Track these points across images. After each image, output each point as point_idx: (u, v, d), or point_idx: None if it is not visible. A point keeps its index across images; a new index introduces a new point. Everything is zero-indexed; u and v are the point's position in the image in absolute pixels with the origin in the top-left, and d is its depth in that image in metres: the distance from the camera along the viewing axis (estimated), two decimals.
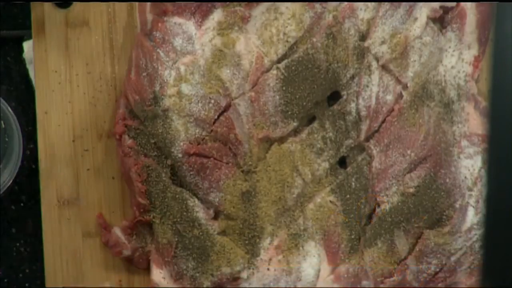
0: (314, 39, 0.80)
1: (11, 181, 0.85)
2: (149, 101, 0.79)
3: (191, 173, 0.80)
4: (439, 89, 0.83)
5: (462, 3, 0.83)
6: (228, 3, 0.81)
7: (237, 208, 0.81)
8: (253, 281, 0.82)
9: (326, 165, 0.82)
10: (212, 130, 0.80)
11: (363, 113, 0.81)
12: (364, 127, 0.82)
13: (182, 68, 0.80)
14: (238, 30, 0.81)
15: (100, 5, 0.84)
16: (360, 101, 0.81)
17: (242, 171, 0.81)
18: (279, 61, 0.81)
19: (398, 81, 0.82)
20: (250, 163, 0.81)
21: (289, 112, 0.81)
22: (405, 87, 0.82)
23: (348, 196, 0.82)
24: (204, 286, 0.81)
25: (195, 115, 0.80)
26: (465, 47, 0.84)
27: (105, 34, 0.85)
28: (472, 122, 0.84)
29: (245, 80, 0.80)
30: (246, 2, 0.81)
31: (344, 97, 0.82)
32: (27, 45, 0.88)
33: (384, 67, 0.82)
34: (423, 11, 0.82)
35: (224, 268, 0.80)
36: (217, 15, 0.81)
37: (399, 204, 0.82)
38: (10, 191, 0.87)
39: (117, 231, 0.83)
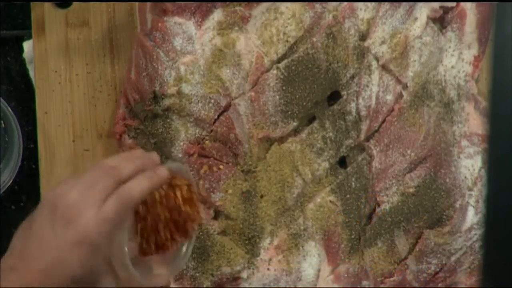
0: (314, 39, 0.80)
1: (11, 181, 0.85)
2: (149, 101, 0.79)
3: (191, 173, 0.80)
4: (439, 89, 0.83)
5: (462, 3, 0.83)
6: (228, 3, 0.81)
7: (237, 208, 0.81)
8: (253, 281, 0.82)
9: (326, 165, 0.82)
10: (212, 130, 0.80)
11: (363, 113, 0.81)
12: (364, 127, 0.82)
13: (182, 68, 0.80)
14: (238, 30, 0.81)
15: (100, 5, 0.84)
16: (360, 101, 0.81)
17: (242, 171, 0.81)
18: (279, 61, 0.81)
19: (398, 81, 0.82)
20: (250, 163, 0.81)
21: (289, 112, 0.81)
22: (405, 87, 0.82)
23: (348, 196, 0.82)
24: (204, 286, 0.81)
25: (195, 115, 0.80)
26: (465, 47, 0.84)
27: (105, 34, 0.85)
28: (472, 122, 0.84)
29: (245, 80, 0.80)
30: (246, 2, 0.81)
31: (344, 97, 0.82)
32: (27, 45, 0.88)
33: (384, 67, 0.82)
34: (423, 11, 0.82)
35: (224, 268, 0.80)
36: (217, 15, 0.81)
37: (399, 204, 0.82)
38: (10, 191, 0.87)
39: None
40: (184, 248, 0.70)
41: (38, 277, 0.59)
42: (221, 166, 0.80)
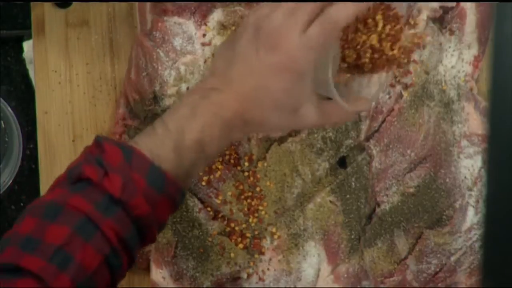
0: None
1: (11, 181, 0.85)
2: (149, 101, 0.79)
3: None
4: (439, 89, 0.83)
5: (462, 3, 0.83)
6: (228, 3, 0.81)
7: (237, 208, 0.81)
8: (253, 281, 0.82)
9: (326, 165, 0.82)
10: None
11: (363, 113, 0.81)
12: (364, 127, 0.82)
13: (182, 68, 0.80)
14: None
15: (100, 5, 0.84)
16: None
17: (242, 171, 0.81)
18: None
19: (398, 81, 0.82)
20: (249, 163, 0.81)
21: None
22: (405, 87, 0.82)
23: (348, 196, 0.82)
24: (204, 286, 0.81)
25: None
26: (465, 47, 0.84)
27: (105, 34, 0.85)
28: (472, 122, 0.84)
29: None
30: (246, 2, 0.81)
31: None
32: (27, 45, 0.88)
33: None
34: (423, 11, 0.82)
35: (224, 268, 0.80)
36: (217, 15, 0.81)
37: (399, 204, 0.82)
38: (10, 191, 0.87)
39: None
40: (383, 75, 0.65)
41: (240, 99, 0.58)
42: (220, 166, 0.80)
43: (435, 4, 0.82)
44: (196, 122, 0.58)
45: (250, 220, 0.81)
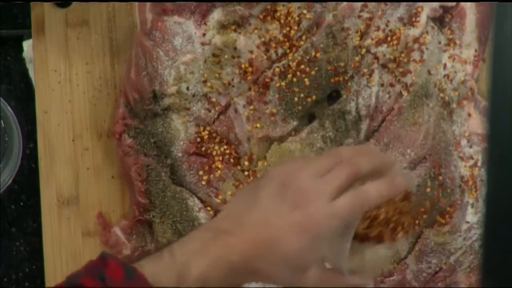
0: (314, 39, 0.80)
1: (11, 181, 0.84)
2: (149, 100, 0.79)
3: (191, 172, 0.80)
4: (439, 89, 0.83)
5: (462, 3, 0.83)
6: (227, 2, 0.81)
7: None
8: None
9: None
10: (211, 130, 0.80)
11: (363, 112, 0.81)
12: (364, 126, 0.82)
13: (182, 67, 0.80)
14: (238, 29, 0.81)
15: (99, 4, 0.84)
16: (360, 100, 0.81)
17: (242, 171, 0.81)
18: (279, 60, 0.81)
19: (398, 80, 0.82)
20: (250, 162, 0.81)
21: (289, 112, 0.81)
22: (405, 86, 0.82)
23: None
24: None
25: (195, 114, 0.80)
26: (465, 47, 0.84)
27: (105, 34, 0.85)
28: (471, 121, 0.84)
29: (245, 79, 0.80)
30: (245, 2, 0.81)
31: (344, 96, 0.82)
32: (26, 45, 0.88)
33: (384, 67, 0.82)
34: (423, 11, 0.82)
35: None
36: (217, 14, 0.81)
37: None
38: (10, 191, 0.87)
39: (117, 231, 0.83)
40: (392, 246, 0.66)
41: (251, 248, 0.58)
42: (220, 166, 0.80)
43: (435, 4, 0.82)
44: (203, 260, 0.58)
45: None
